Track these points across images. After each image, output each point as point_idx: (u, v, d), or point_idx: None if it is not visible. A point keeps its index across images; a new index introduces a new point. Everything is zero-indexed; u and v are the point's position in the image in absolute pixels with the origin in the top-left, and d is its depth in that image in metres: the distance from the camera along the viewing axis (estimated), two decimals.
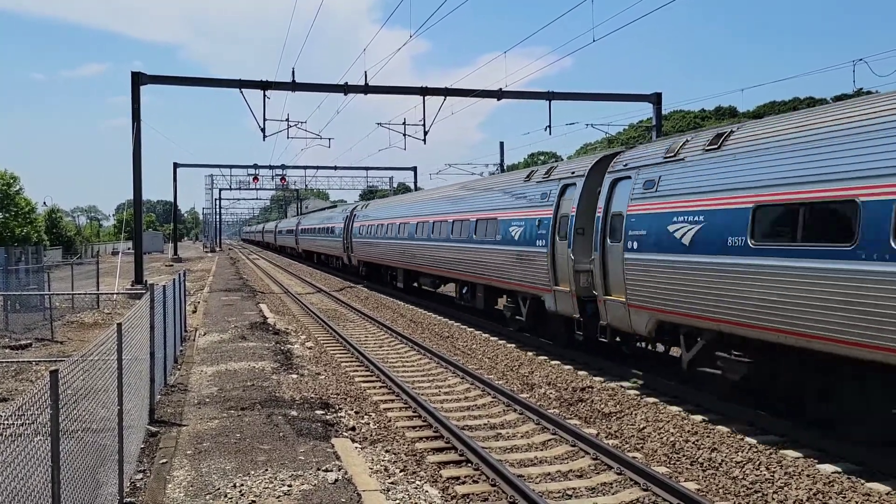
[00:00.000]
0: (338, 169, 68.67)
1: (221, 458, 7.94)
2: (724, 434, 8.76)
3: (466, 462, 8.13)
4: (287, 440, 8.61)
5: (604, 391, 11.02)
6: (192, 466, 7.70)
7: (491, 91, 30.33)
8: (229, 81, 28.74)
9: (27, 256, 26.03)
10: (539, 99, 31.41)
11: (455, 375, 12.71)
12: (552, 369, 12.76)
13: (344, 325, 19.45)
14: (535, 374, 12.56)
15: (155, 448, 8.34)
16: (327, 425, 9.31)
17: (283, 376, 12.28)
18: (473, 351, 15.11)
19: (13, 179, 49.76)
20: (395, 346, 16.00)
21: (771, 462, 7.77)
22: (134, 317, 8.04)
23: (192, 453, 8.13)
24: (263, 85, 28.25)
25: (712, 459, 8.03)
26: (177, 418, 9.60)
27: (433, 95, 29.90)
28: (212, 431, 8.97)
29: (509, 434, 9.33)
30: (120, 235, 45.64)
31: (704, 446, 8.38)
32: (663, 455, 8.39)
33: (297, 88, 28.86)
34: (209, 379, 12.04)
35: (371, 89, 28.98)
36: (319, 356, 14.63)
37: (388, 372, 12.44)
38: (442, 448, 8.65)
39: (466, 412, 10.40)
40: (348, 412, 10.16)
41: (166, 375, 11.59)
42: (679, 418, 9.43)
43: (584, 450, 8.46)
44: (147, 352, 9.11)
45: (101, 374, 5.94)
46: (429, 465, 8.04)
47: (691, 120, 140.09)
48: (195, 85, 31.70)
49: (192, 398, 10.71)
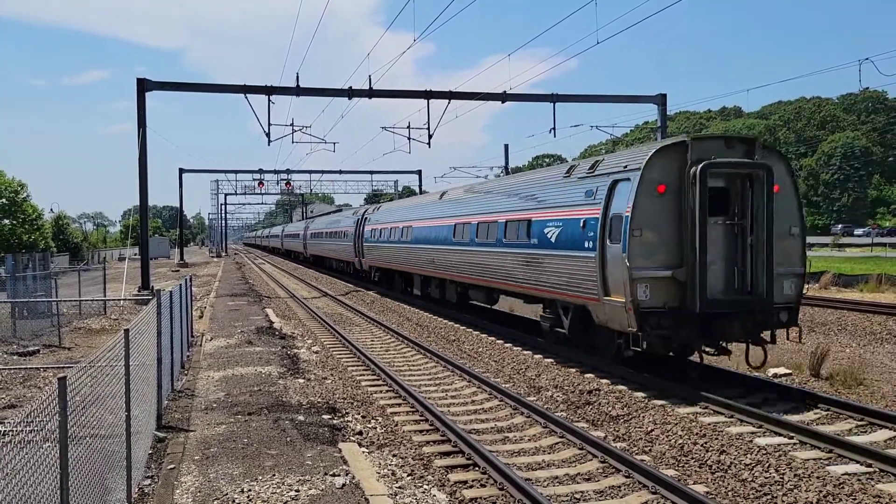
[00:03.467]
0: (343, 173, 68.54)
1: (229, 464, 7.95)
2: (733, 436, 8.72)
3: (474, 466, 8.12)
4: (294, 445, 8.62)
5: (611, 394, 10.98)
6: (200, 472, 7.71)
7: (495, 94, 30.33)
8: (234, 87, 28.83)
9: (34, 263, 26.13)
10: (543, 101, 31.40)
11: (462, 379, 12.70)
12: (559, 372, 12.73)
13: (350, 329, 19.45)
14: (541, 377, 12.54)
15: (163, 454, 8.36)
16: (334, 430, 9.31)
17: (289, 381, 12.29)
18: (480, 354, 15.10)
19: (21, 187, 50.06)
20: (401, 350, 16.00)
21: (781, 464, 7.73)
22: (141, 322, 8.07)
23: (199, 459, 8.14)
24: (268, 90, 28.33)
25: (721, 462, 8.00)
26: (184, 424, 9.61)
27: (437, 99, 29.93)
28: (219, 437, 8.98)
29: (517, 437, 9.32)
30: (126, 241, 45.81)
31: (713, 448, 8.35)
32: (672, 458, 8.36)
33: (301, 93, 28.91)
34: (216, 384, 12.07)
35: (375, 93, 29.02)
36: (326, 360, 14.64)
37: (395, 376, 12.43)
38: (449, 452, 8.64)
39: (473, 416, 10.39)
40: (355, 416, 10.16)
41: (173, 381, 11.61)
42: (687, 420, 9.40)
43: (592, 453, 8.44)
44: (154, 357, 9.13)
45: (109, 380, 5.95)
46: (436, 470, 8.04)
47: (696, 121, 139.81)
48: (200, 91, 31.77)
49: (199, 403, 10.73)
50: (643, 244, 11.12)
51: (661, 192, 11.17)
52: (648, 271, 11.08)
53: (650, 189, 11.14)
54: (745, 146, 11.41)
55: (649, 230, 11.12)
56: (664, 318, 11.01)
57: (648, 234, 11.12)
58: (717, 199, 11.22)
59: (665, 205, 11.16)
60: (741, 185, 11.34)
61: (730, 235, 11.41)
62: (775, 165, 11.40)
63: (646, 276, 11.05)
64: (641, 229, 11.11)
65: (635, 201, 11.11)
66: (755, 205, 11.22)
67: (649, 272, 11.07)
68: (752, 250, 11.27)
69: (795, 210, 11.72)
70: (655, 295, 11.06)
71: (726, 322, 11.01)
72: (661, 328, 11.01)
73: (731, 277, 11.38)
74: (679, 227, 11.12)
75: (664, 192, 11.16)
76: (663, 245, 11.16)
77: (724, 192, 11.36)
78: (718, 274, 11.29)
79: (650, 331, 11.00)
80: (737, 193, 11.37)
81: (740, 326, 11.05)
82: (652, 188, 11.14)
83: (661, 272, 11.08)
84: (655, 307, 11.04)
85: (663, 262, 11.14)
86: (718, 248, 11.32)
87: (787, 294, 11.55)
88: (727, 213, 11.41)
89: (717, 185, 11.23)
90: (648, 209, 11.14)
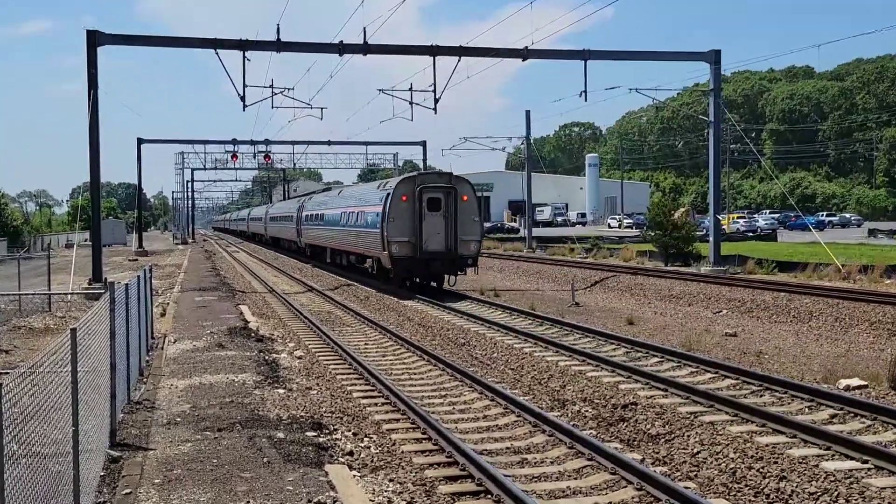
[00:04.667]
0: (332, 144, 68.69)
1: (195, 489, 8.03)
2: (795, 459, 8.74)
3: (486, 493, 8.18)
4: (272, 467, 8.70)
5: (650, 409, 11.03)
6: (161, 498, 7.79)
7: (515, 50, 30.25)
8: (202, 41, 28.88)
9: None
10: (572, 59, 31.29)
11: (472, 390, 12.77)
12: (588, 382, 12.80)
13: (340, 329, 19.56)
14: (567, 388, 12.60)
15: (117, 476, 8.44)
16: (320, 449, 9.39)
17: (267, 391, 12.39)
18: (494, 361, 15.18)
19: None
20: (400, 356, 16.11)
21: (852, 493, 7.75)
22: (91, 321, 8.13)
23: (160, 482, 8.23)
24: (242, 44, 28.32)
25: (780, 490, 8.02)
26: (143, 441, 9.71)
27: (445, 55, 29.89)
28: (184, 457, 9.07)
29: (537, 460, 9.37)
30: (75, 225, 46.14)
31: (771, 474, 8.37)
32: (721, 485, 8.39)
33: (282, 48, 28.91)
34: (181, 394, 12.18)
35: (371, 49, 29.01)
36: (311, 367, 14.74)
37: (393, 386, 12.51)
38: (456, 476, 8.70)
39: (486, 433, 10.47)
40: (345, 434, 10.24)
41: (130, 391, 11.72)
42: (740, 441, 9.43)
43: (627, 478, 8.48)
44: (107, 363, 9.22)
45: (54, 388, 6.01)
46: (441, 497, 8.10)
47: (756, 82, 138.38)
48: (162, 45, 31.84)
49: (160, 417, 10.83)
50: (396, 225, 26.88)
51: (405, 200, 26.95)
52: (398, 238, 26.82)
53: (398, 198, 27.05)
54: (447, 176, 28.54)
55: (398, 219, 26.87)
56: (406, 261, 27.01)
57: (398, 220, 26.88)
58: (433, 203, 26.99)
59: (407, 206, 26.93)
60: (445, 196, 27.16)
61: (441, 221, 27.06)
62: (462, 186, 27.58)
63: (396, 240, 26.82)
64: (395, 218, 26.86)
65: (391, 204, 27.01)
66: (453, 206, 26.97)
67: (398, 239, 26.83)
68: (452, 228, 26.91)
69: (476, 209, 27.79)
70: (401, 250, 26.91)
71: (437, 263, 27.08)
72: (404, 266, 27.25)
73: (442, 241, 26.89)
74: (413, 217, 26.82)
75: (406, 200, 26.95)
76: (406, 226, 26.85)
77: (438, 200, 27.12)
78: (438, 239, 26.85)
79: (399, 268, 27.28)
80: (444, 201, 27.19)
81: (441, 265, 27.18)
82: (399, 198, 27.04)
83: (404, 239, 26.85)
84: (401, 256, 26.93)
85: (405, 234, 26.82)
86: (436, 227, 26.94)
87: (472, 251, 27.39)
88: (440, 210, 27.04)
89: (434, 196, 27.08)
90: (398, 208, 26.94)
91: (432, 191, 27.05)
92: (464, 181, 27.94)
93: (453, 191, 27.03)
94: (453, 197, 26.96)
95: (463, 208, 27.03)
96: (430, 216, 26.82)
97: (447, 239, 26.83)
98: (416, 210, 26.68)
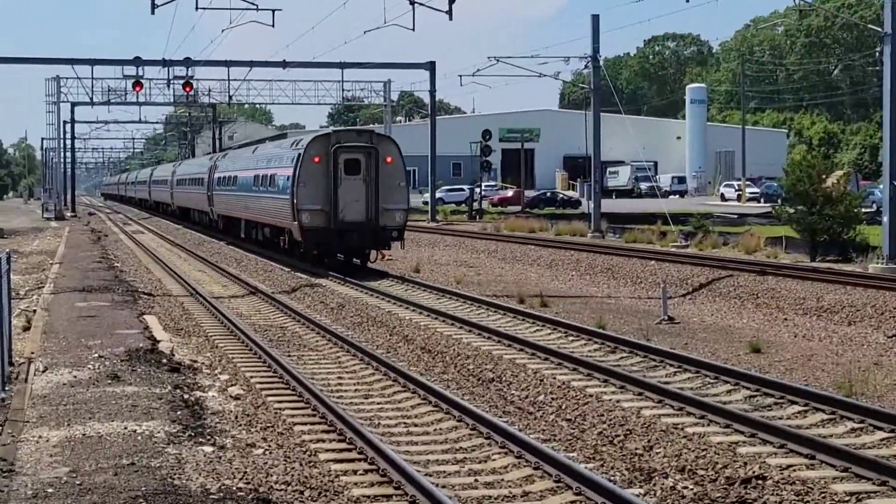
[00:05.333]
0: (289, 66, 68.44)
1: None
2: None
3: None
4: None
5: (787, 485, 10.94)
6: None
7: None
8: None
9: None
10: None
11: (505, 452, 12.70)
12: (688, 443, 12.73)
13: (300, 355, 19.65)
14: (654, 451, 12.55)
15: None
16: None
17: (187, 449, 12.35)
18: (540, 405, 15.18)
19: None
20: (392, 396, 16.17)
21: None
22: None
23: None
24: None
25: None
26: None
27: None
28: None
29: None
30: None
31: None
32: None
33: None
34: (54, 453, 12.13)
35: None
36: (254, 412, 14.75)
37: (380, 443, 12.48)
38: None
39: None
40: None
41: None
42: None
43: None
44: None
45: None
46: None
47: None
48: None
49: (20, 488, 10.76)
50: (307, 191, 33.90)
51: (318, 161, 33.97)
52: (309, 206, 33.76)
53: (310, 159, 34.18)
54: (368, 135, 35.69)
55: (310, 183, 33.95)
56: (318, 232, 33.94)
57: (310, 185, 33.94)
58: (351, 165, 33.90)
59: (320, 168, 34.10)
60: (365, 157, 33.98)
61: (361, 187, 33.97)
62: (386, 146, 35.11)
63: (307, 209, 33.73)
64: (306, 183, 33.99)
65: (302, 166, 34.31)
66: (374, 169, 33.81)
67: (309, 206, 33.72)
68: (374, 195, 33.68)
69: (402, 173, 35.31)
70: (313, 220, 33.80)
71: (354, 235, 34.21)
72: (316, 239, 34.17)
73: (361, 210, 33.68)
74: (327, 181, 33.82)
75: (319, 161, 33.96)
76: (319, 192, 33.81)
77: (357, 162, 33.92)
78: (356, 208, 33.79)
79: (310, 241, 34.30)
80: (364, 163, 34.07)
81: (360, 238, 34.39)
82: (311, 159, 34.21)
83: (317, 207, 33.78)
84: (313, 227, 33.82)
85: (318, 202, 33.77)
86: (354, 194, 33.85)
87: (398, 221, 34.74)
88: (359, 174, 33.91)
89: (352, 157, 33.97)
90: (309, 171, 34.24)
91: (350, 151, 33.63)
92: (388, 140, 35.92)
93: (375, 151, 33.57)
94: (374, 158, 33.41)
95: (386, 172, 33.88)
96: (347, 181, 33.52)
97: (367, 208, 33.59)
98: (330, 173, 33.41)
